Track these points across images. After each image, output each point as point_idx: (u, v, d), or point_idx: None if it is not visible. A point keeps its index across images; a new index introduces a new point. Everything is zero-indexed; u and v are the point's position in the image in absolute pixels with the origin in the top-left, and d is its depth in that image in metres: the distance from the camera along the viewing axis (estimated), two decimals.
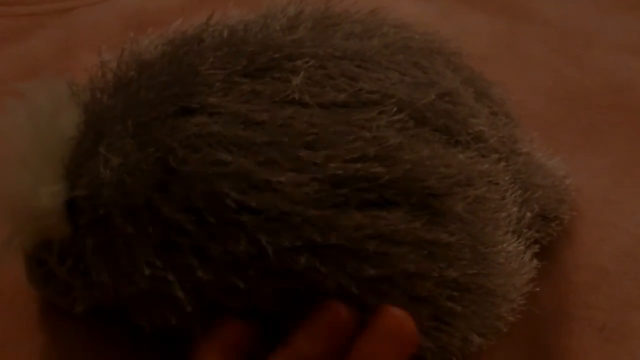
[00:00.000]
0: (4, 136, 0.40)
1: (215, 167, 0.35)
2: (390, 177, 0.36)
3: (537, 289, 0.45)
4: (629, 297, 0.50)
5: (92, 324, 0.47)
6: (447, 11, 0.81)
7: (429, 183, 0.37)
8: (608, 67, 0.72)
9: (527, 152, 0.48)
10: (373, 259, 0.36)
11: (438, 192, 0.38)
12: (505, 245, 0.42)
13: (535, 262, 0.46)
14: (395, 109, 0.38)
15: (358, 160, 0.36)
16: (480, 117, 0.42)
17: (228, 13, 0.43)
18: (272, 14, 0.43)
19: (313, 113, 0.37)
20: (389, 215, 0.37)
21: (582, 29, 0.78)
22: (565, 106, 0.68)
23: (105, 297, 0.40)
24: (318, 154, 0.36)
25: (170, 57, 0.40)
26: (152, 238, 0.36)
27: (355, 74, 0.39)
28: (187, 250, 0.36)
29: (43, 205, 0.38)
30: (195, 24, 0.44)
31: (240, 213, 0.35)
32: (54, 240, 0.40)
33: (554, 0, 0.83)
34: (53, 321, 0.48)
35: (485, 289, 0.40)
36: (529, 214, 0.45)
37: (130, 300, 0.39)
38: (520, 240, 0.44)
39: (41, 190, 0.38)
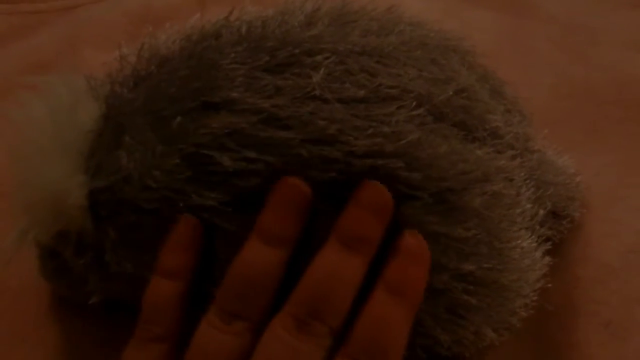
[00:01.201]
0: (22, 129, 0.40)
1: (243, 163, 0.36)
2: (409, 172, 0.37)
3: (549, 285, 0.46)
4: (634, 293, 0.51)
5: (101, 319, 0.47)
6: (452, 8, 0.81)
7: (447, 178, 0.38)
8: (613, 64, 0.72)
9: (539, 149, 0.48)
10: None
11: (456, 188, 0.38)
12: (519, 241, 0.42)
13: (547, 258, 0.46)
14: (414, 104, 0.38)
15: (377, 155, 0.36)
16: (496, 113, 0.43)
17: (245, 9, 0.43)
18: (289, 11, 0.43)
19: (333, 109, 0.37)
20: (407, 209, 0.37)
21: (587, 25, 0.78)
22: (571, 103, 0.68)
23: (124, 290, 0.41)
24: (338, 150, 0.36)
25: (189, 52, 0.41)
26: None
27: (374, 70, 0.39)
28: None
29: (65, 198, 0.38)
30: (211, 20, 0.44)
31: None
32: (71, 232, 0.40)
33: None
34: (62, 316, 0.49)
35: (500, 284, 0.40)
36: (541, 211, 0.45)
37: None
38: (533, 237, 0.44)
39: (63, 182, 0.38)
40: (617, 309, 0.50)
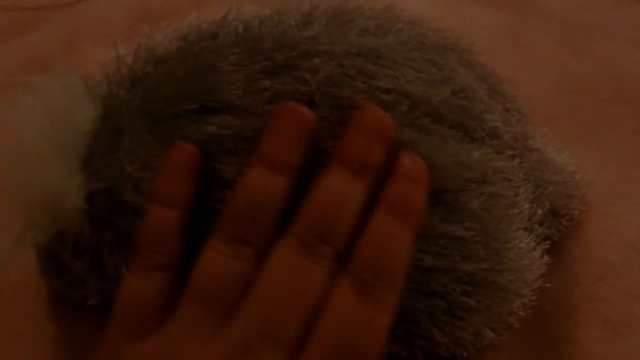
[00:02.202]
0: (19, 130, 0.40)
1: (243, 167, 0.36)
2: None
3: (548, 284, 0.46)
4: (634, 290, 0.51)
5: (101, 317, 0.47)
6: (452, 5, 0.81)
7: (445, 179, 0.38)
8: (613, 60, 0.72)
9: (538, 148, 0.48)
10: None
11: (453, 189, 0.38)
12: (517, 241, 0.42)
13: (546, 258, 0.46)
14: (410, 107, 0.38)
15: None
16: (494, 113, 0.42)
17: (242, 8, 0.43)
18: (286, 10, 0.43)
19: (330, 114, 0.37)
20: None
21: (587, 21, 0.78)
22: (571, 99, 0.68)
23: None
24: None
25: (186, 53, 0.41)
26: None
27: (371, 72, 0.39)
28: None
29: (63, 200, 0.38)
30: (208, 18, 0.44)
31: None
32: (69, 233, 0.40)
33: None
34: (60, 313, 0.49)
35: (498, 285, 0.40)
36: (540, 211, 0.45)
37: None
38: (531, 236, 0.44)
39: (61, 184, 0.38)
40: (617, 306, 0.50)
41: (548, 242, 0.47)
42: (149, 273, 0.37)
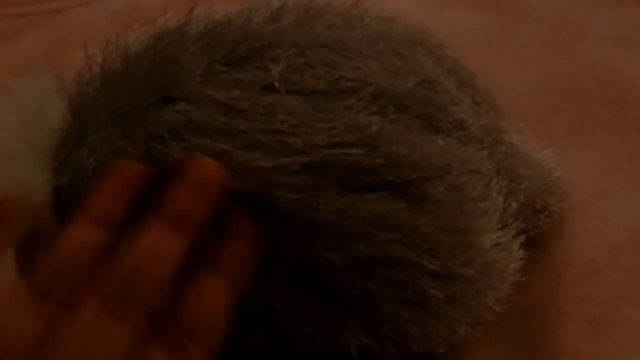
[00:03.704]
0: None
1: (196, 152, 0.36)
2: (370, 163, 0.37)
3: (524, 278, 0.46)
4: (618, 289, 0.51)
5: None
6: (438, 6, 0.82)
7: (408, 169, 0.38)
8: (599, 60, 0.72)
9: (511, 142, 0.48)
10: (353, 243, 0.37)
11: (416, 178, 0.38)
12: (489, 234, 0.42)
13: (522, 252, 0.46)
14: (374, 96, 0.38)
15: (337, 146, 0.36)
16: (461, 105, 0.43)
17: (213, 7, 0.43)
18: (255, 7, 0.43)
19: (293, 100, 0.37)
20: (368, 200, 0.37)
21: (573, 22, 0.78)
22: (557, 99, 0.68)
23: None
24: (298, 140, 0.36)
25: (153, 49, 0.41)
26: None
27: (334, 62, 0.39)
28: None
29: (30, 196, 0.38)
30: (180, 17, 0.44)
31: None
32: (41, 230, 0.40)
33: None
34: None
35: (469, 277, 0.40)
36: (514, 205, 0.45)
37: None
38: (506, 230, 0.44)
39: (30, 180, 0.39)
40: (602, 306, 0.50)
41: (524, 236, 0.47)
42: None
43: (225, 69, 0.38)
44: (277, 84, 0.37)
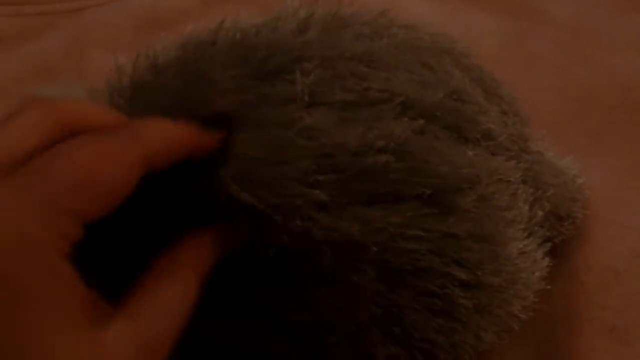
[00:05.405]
0: None
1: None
2: (399, 174, 0.37)
3: (549, 287, 0.46)
4: (638, 298, 0.50)
5: None
6: (457, 11, 0.81)
7: (438, 179, 0.38)
8: (617, 67, 0.72)
9: (537, 150, 0.48)
10: (382, 253, 0.37)
11: (447, 188, 0.38)
12: (516, 242, 0.42)
13: (547, 260, 0.46)
14: (403, 106, 0.38)
15: (367, 156, 0.36)
16: (489, 115, 0.43)
17: (239, 16, 0.43)
18: (283, 17, 0.43)
19: (322, 113, 0.37)
20: (398, 210, 0.37)
21: (592, 29, 0.78)
22: (575, 106, 0.68)
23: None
24: (328, 151, 0.36)
25: (183, 62, 0.41)
26: None
27: (363, 74, 0.39)
28: None
29: None
30: (208, 26, 0.44)
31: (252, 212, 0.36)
32: None
33: (563, 0, 0.83)
34: None
35: (497, 286, 0.40)
36: (540, 212, 0.45)
37: None
38: (532, 238, 0.44)
39: None
40: (622, 314, 0.50)
41: (550, 244, 0.47)
42: None
43: (255, 83, 0.38)
44: (306, 98, 0.37)
